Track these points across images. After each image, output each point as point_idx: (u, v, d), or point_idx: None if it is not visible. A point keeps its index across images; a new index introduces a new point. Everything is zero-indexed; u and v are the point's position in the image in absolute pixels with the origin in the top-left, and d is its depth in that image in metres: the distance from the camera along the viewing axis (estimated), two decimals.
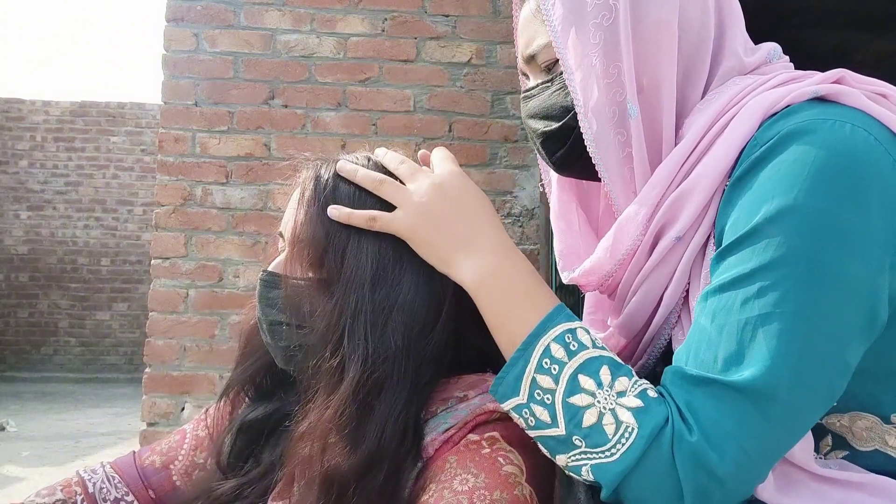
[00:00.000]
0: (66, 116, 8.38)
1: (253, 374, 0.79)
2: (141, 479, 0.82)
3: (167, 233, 2.38)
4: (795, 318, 0.55)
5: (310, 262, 0.68)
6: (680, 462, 0.55)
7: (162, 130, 2.42)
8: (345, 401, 0.63)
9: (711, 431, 0.54)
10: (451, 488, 0.59)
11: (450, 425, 0.65)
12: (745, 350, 0.56)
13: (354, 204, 0.69)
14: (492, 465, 0.61)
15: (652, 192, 0.67)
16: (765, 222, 0.57)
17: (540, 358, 0.60)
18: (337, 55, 2.47)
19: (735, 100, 0.66)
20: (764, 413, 0.54)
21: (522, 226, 2.48)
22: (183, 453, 0.84)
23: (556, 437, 0.58)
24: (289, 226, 0.71)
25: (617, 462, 0.56)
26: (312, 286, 0.67)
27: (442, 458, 0.63)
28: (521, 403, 0.60)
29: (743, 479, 0.55)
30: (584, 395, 0.58)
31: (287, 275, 0.68)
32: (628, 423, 0.56)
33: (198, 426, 0.86)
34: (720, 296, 0.58)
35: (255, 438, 0.77)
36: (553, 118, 0.74)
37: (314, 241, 0.68)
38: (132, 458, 0.84)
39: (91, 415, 6.13)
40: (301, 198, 0.70)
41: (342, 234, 0.68)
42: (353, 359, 0.64)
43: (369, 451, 0.62)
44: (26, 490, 3.61)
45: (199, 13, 2.44)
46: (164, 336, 2.35)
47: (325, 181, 0.71)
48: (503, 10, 2.51)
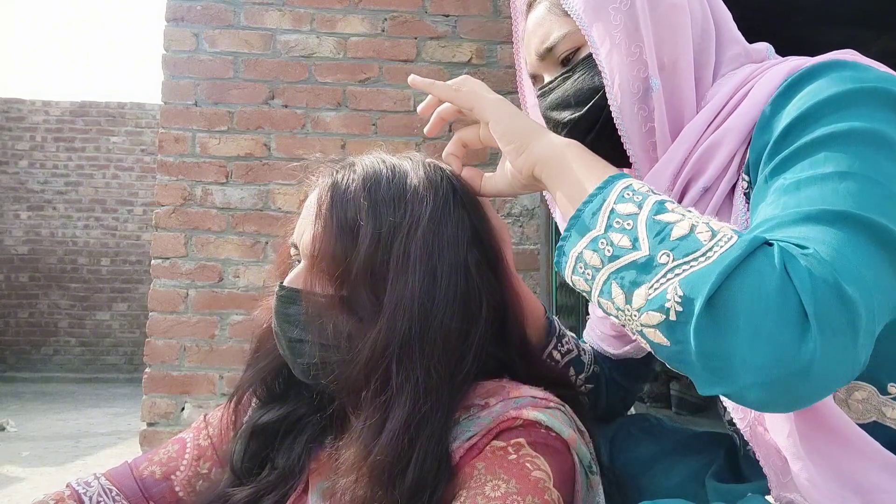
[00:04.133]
0: (66, 116, 8.37)
1: (265, 377, 0.77)
2: (141, 491, 0.79)
3: (167, 233, 2.38)
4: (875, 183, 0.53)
5: (331, 279, 0.66)
6: (797, 276, 0.47)
7: (162, 130, 2.42)
8: (393, 439, 0.61)
9: (832, 256, 0.48)
10: (484, 494, 0.59)
11: (473, 433, 0.64)
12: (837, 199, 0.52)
13: (376, 215, 0.66)
14: (521, 471, 0.60)
15: (679, 149, 0.70)
16: (826, 135, 0.57)
17: (621, 191, 0.58)
18: (337, 55, 2.47)
19: (757, 72, 0.70)
20: (882, 245, 0.50)
21: (522, 226, 2.47)
22: (185, 463, 0.81)
23: (635, 261, 0.53)
24: (304, 238, 0.69)
25: (715, 262, 0.49)
26: (335, 304, 0.65)
27: (469, 464, 0.62)
28: (598, 235, 0.57)
29: (859, 311, 0.47)
30: (673, 214, 0.55)
31: (307, 290, 0.66)
32: (725, 232, 0.52)
33: (198, 435, 0.84)
34: (791, 193, 0.56)
35: (269, 442, 0.75)
36: (580, 103, 0.76)
37: (336, 258, 0.65)
38: (127, 469, 0.81)
39: (91, 415, 6.12)
40: (318, 209, 0.68)
41: (378, 257, 0.65)
42: (402, 393, 0.62)
43: (413, 482, 0.60)
44: (26, 490, 3.61)
45: (199, 13, 2.44)
46: (164, 336, 2.34)
47: (346, 188, 0.68)
48: (503, 10, 2.51)
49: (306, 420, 0.75)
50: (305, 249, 0.68)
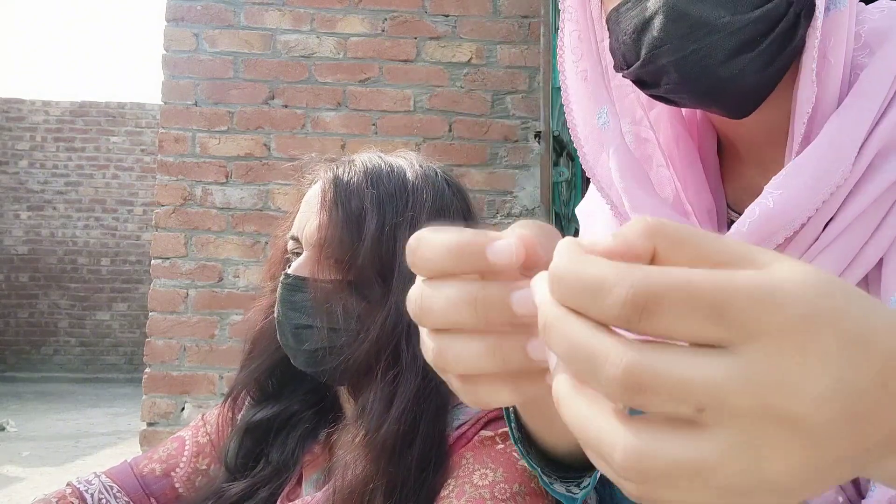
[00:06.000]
0: (66, 116, 8.38)
1: (259, 376, 0.79)
2: (141, 488, 0.80)
3: (167, 233, 2.38)
4: None
5: (339, 265, 0.68)
6: None
7: (162, 130, 2.42)
8: (404, 411, 0.63)
9: None
10: (472, 483, 0.60)
11: (462, 421, 0.65)
12: None
13: (380, 205, 0.69)
14: (508, 460, 0.62)
15: (867, 103, 0.47)
16: None
17: None
18: (337, 55, 2.47)
19: None
20: None
21: None
22: (184, 460, 0.83)
23: None
24: (308, 228, 0.71)
25: None
26: (343, 288, 0.67)
27: (458, 453, 0.64)
28: None
29: None
30: None
31: (314, 277, 0.68)
32: None
33: (197, 433, 0.86)
34: None
35: (263, 438, 0.77)
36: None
37: (343, 244, 0.68)
38: (127, 467, 0.82)
39: (91, 415, 6.12)
40: (322, 200, 0.70)
41: (385, 241, 0.67)
42: (411, 368, 0.64)
43: (419, 454, 0.62)
44: (26, 490, 3.61)
45: (199, 13, 2.44)
46: (164, 336, 2.35)
47: (348, 181, 0.70)
48: (503, 10, 2.51)
49: (299, 416, 0.77)
50: (310, 238, 0.70)
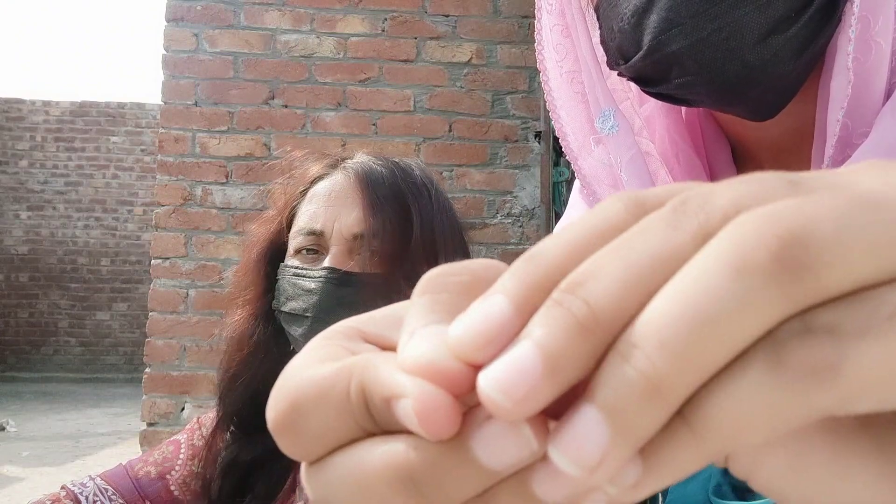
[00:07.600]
0: (66, 116, 8.38)
1: (240, 408, 0.77)
2: (136, 490, 0.80)
3: (167, 233, 2.38)
4: None
5: (390, 258, 0.70)
6: None
7: (162, 130, 2.42)
8: None
9: None
10: None
11: None
12: None
13: (418, 198, 0.73)
14: None
15: None
16: None
17: None
18: (337, 55, 2.47)
19: None
20: None
21: (522, 226, 2.48)
22: (180, 463, 0.83)
23: None
24: (344, 222, 0.72)
25: None
26: (397, 281, 0.68)
27: None
28: None
29: None
30: None
31: (363, 272, 0.70)
32: None
33: (192, 436, 0.85)
34: None
35: (248, 475, 0.76)
36: None
37: (395, 238, 0.70)
38: (122, 469, 0.82)
39: (91, 415, 6.13)
40: (361, 195, 0.72)
41: (427, 234, 0.72)
42: None
43: None
44: (26, 490, 3.61)
45: (199, 13, 2.45)
46: (164, 336, 2.35)
47: (380, 176, 0.73)
48: (503, 10, 2.51)
49: None
50: (346, 232, 0.71)
